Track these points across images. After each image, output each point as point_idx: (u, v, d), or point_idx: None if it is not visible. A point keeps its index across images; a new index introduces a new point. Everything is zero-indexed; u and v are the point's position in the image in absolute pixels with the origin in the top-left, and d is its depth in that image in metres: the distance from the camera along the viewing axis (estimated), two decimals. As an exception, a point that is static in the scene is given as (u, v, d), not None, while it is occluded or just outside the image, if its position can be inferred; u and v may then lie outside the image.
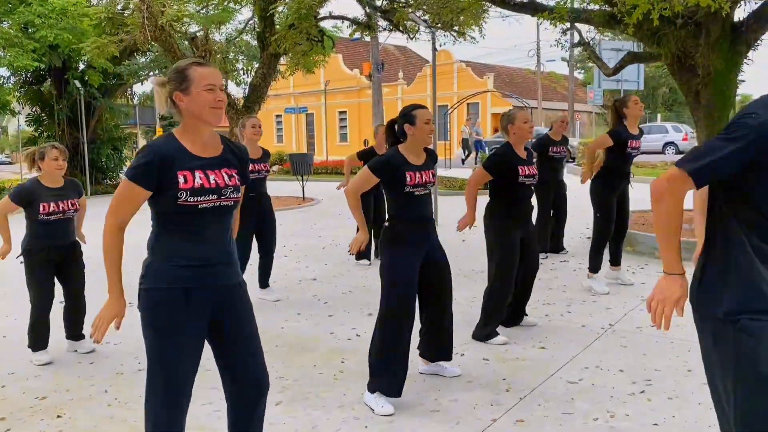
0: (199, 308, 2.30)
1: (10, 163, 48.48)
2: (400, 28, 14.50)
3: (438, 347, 3.71)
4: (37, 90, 18.72)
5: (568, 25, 9.89)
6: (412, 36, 15.09)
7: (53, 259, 4.35)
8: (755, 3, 6.62)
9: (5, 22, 14.68)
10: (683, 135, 27.39)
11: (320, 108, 46.80)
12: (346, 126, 48.73)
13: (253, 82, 14.19)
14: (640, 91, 17.52)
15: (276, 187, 17.74)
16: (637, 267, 6.46)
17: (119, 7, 13.50)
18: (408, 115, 3.47)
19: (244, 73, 16.37)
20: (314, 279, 6.54)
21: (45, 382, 3.96)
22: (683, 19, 6.23)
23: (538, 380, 3.66)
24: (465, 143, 27.32)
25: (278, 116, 52.30)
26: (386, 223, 3.51)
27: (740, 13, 6.90)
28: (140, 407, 3.51)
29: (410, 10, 12.17)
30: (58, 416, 3.46)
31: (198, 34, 13.55)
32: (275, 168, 25.87)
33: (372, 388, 3.41)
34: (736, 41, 6.69)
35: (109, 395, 3.71)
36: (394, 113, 3.82)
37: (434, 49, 10.10)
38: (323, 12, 13.59)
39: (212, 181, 2.25)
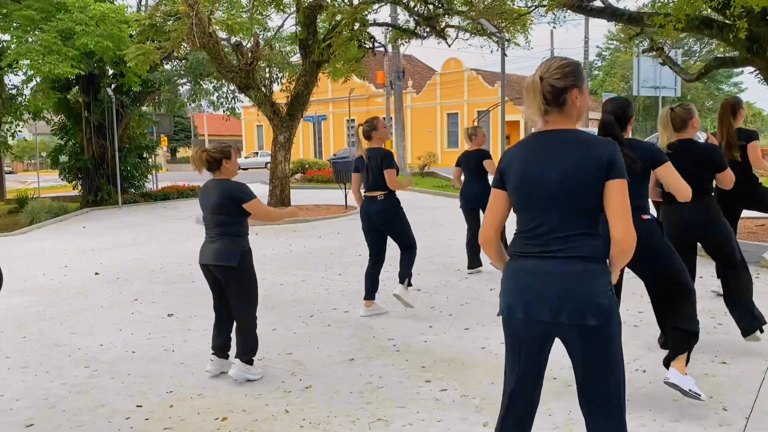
0: None
1: (11, 172, 47.67)
2: (442, 35, 14.40)
3: None
4: (64, 98, 18.50)
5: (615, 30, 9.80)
6: (450, 43, 14.99)
7: None
8: None
9: (38, 30, 14.47)
10: None
11: (329, 116, 46.74)
12: (354, 134, 48.58)
13: (296, 89, 14.02)
14: (677, 98, 17.45)
15: (314, 196, 17.45)
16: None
17: (161, 14, 13.34)
18: None
19: (272, 82, 16.17)
20: (418, 290, 6.35)
21: (213, 402, 3.75)
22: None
23: (748, 398, 3.48)
24: None
25: (285, 124, 52.17)
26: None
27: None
28: (335, 428, 3.33)
29: (464, 20, 12.05)
30: (256, 440, 3.26)
31: (242, 41, 13.38)
32: (297, 176, 25.64)
33: None
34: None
35: (294, 416, 3.51)
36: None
37: (503, 55, 9.96)
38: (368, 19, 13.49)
39: None
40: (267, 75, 14.39)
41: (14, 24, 15.02)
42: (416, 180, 20.44)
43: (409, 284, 5.44)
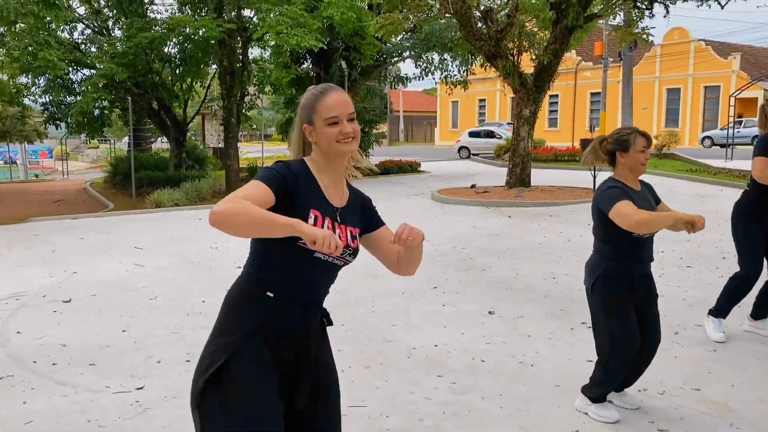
0: None
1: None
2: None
3: None
4: (296, 71, 18.98)
5: None
6: (723, 4, 12.84)
7: None
8: None
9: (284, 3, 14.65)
10: None
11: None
12: (556, 111, 46.10)
13: (543, 59, 12.79)
14: None
15: (546, 176, 15.95)
16: None
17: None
18: None
19: (521, 51, 14.98)
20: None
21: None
22: None
23: None
24: None
25: (482, 100, 51.13)
26: None
27: None
28: None
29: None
30: None
31: (493, 6, 12.42)
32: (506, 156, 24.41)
33: None
34: None
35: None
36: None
37: None
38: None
39: None
40: (517, 41, 13.25)
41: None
42: (655, 162, 18.30)
43: (718, 315, 4.24)
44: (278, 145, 25.03)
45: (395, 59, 18.66)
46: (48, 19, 11.01)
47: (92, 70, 17.97)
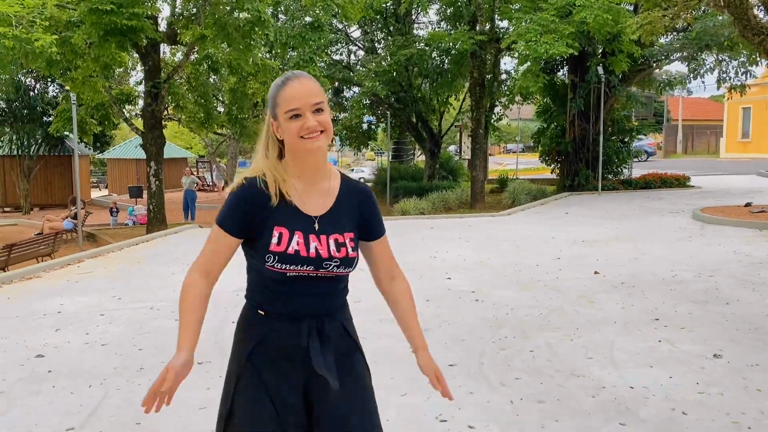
0: None
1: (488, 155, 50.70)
2: None
3: None
4: (551, 80, 18.36)
5: None
6: None
7: None
8: None
9: (537, 10, 14.24)
10: None
11: None
12: None
13: None
14: None
15: None
16: None
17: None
18: None
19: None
20: None
21: None
22: None
23: None
24: None
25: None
26: None
27: None
28: None
29: None
30: None
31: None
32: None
33: None
34: None
35: None
36: None
37: None
38: None
39: None
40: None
41: (515, 6, 15.27)
42: None
43: None
44: (534, 156, 24.60)
45: (661, 61, 16.96)
46: (313, 41, 12.25)
47: (359, 88, 19.60)
